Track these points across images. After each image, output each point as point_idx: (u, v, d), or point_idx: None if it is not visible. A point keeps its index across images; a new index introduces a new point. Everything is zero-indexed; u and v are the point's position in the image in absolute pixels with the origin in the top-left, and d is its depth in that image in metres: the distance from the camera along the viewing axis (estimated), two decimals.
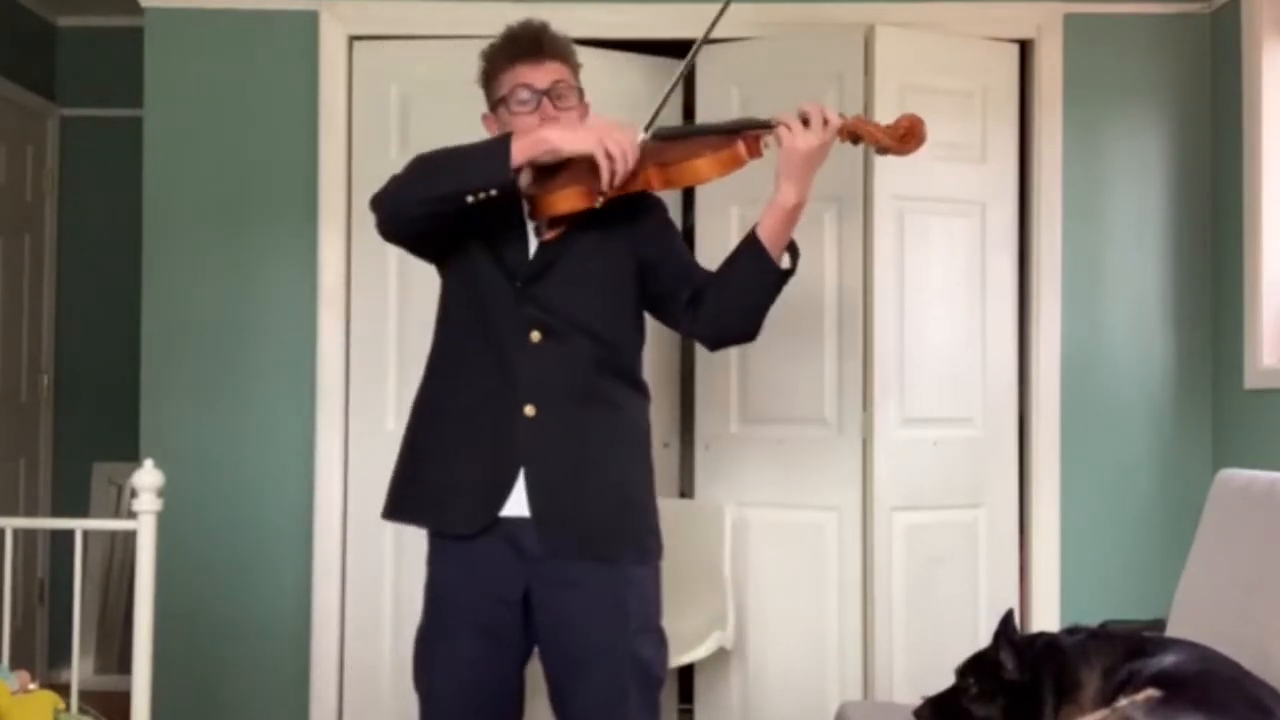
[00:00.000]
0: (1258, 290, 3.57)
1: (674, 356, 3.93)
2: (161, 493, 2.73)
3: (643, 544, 2.46)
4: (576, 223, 2.39)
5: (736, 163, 2.32)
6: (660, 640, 2.48)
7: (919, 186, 3.72)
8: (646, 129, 2.34)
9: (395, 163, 3.78)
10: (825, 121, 2.28)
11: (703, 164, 2.31)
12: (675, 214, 3.74)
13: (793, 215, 2.32)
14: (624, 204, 2.34)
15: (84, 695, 2.81)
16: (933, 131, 3.69)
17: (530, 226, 2.44)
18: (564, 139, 2.26)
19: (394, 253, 3.75)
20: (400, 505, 2.50)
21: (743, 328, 2.46)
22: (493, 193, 2.24)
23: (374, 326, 3.82)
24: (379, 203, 2.39)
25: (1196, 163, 3.91)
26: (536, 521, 2.36)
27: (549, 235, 2.42)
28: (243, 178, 3.90)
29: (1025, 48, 3.92)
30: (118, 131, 4.79)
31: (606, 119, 2.31)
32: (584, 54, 3.70)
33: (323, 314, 3.84)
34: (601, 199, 2.31)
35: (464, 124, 2.53)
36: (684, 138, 2.39)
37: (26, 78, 4.93)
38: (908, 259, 3.72)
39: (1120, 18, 3.91)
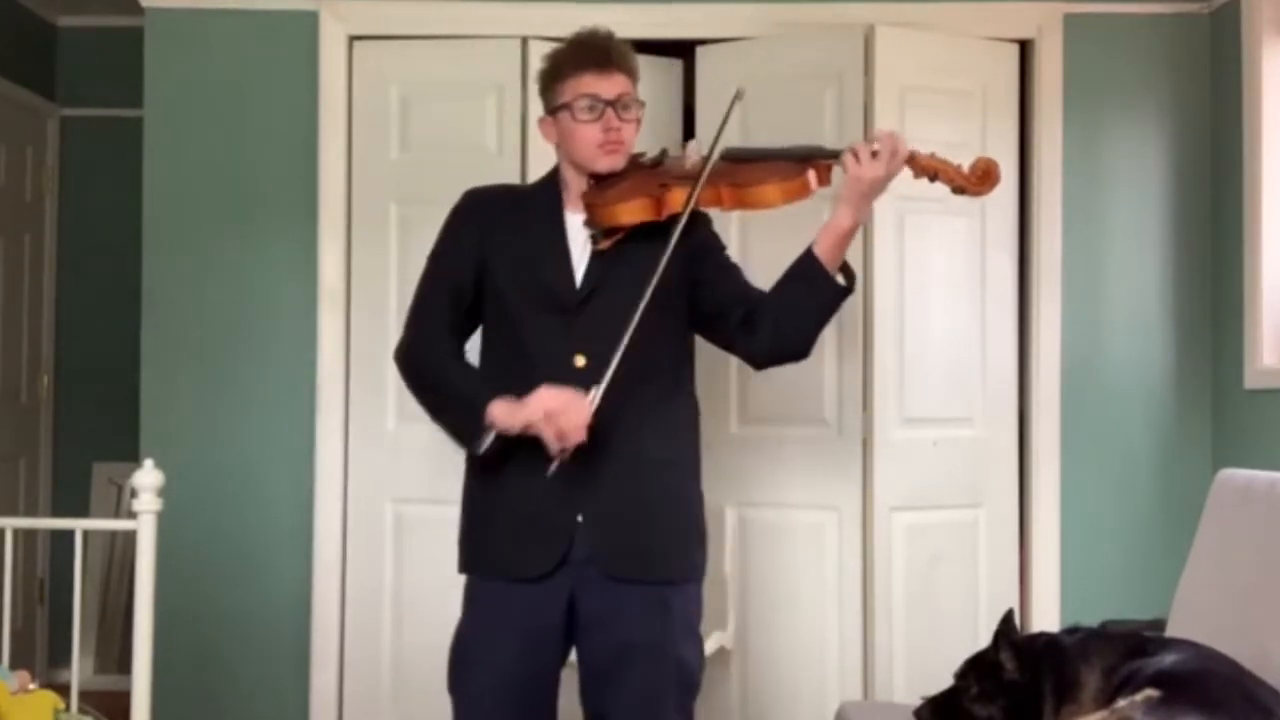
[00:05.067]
0: (1258, 290, 3.56)
1: None
2: (161, 493, 2.73)
3: (694, 562, 2.49)
4: (632, 235, 2.38)
5: (804, 192, 2.36)
6: (700, 645, 2.50)
7: (919, 186, 3.70)
8: (712, 148, 2.36)
9: (395, 163, 3.84)
10: (894, 153, 2.31)
11: (771, 190, 2.35)
12: None
13: (848, 237, 2.35)
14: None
15: (84, 695, 2.82)
16: (932, 131, 3.74)
17: (578, 241, 2.43)
18: (512, 418, 2.30)
19: (394, 252, 3.79)
20: (474, 562, 2.50)
21: (798, 347, 2.47)
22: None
23: (374, 326, 3.80)
24: (401, 370, 2.49)
25: (1196, 162, 3.90)
26: (595, 556, 2.38)
27: (603, 244, 2.40)
28: (243, 178, 3.89)
29: (1025, 48, 3.91)
30: (118, 131, 4.78)
31: (559, 393, 2.29)
32: None
33: (323, 314, 3.84)
34: (668, 212, 2.33)
35: (464, 124, 2.53)
36: (755, 161, 2.41)
37: (26, 78, 4.93)
38: (908, 259, 3.72)
39: (1120, 18, 3.91)
